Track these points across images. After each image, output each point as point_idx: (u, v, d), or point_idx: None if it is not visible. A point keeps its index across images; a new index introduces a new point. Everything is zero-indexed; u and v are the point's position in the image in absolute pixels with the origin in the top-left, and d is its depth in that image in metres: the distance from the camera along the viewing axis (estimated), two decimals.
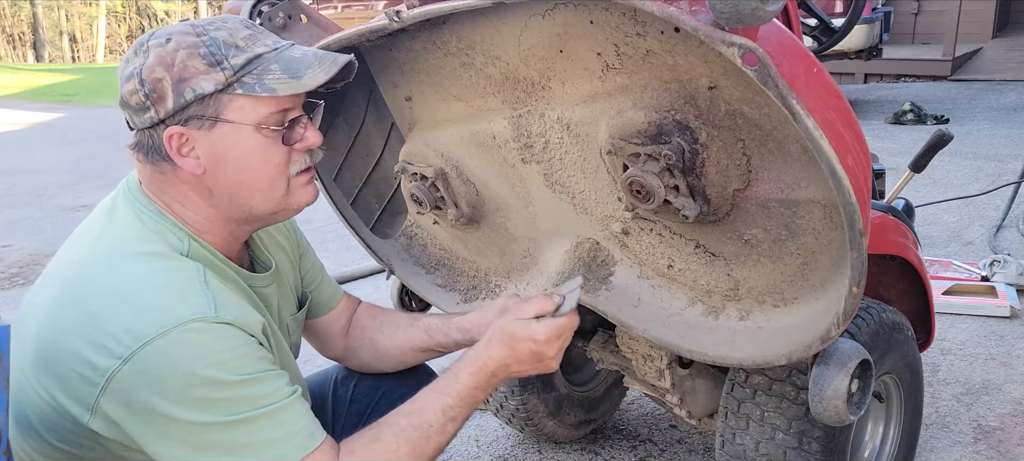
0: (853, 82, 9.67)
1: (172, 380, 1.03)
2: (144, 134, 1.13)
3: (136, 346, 1.03)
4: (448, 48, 1.47)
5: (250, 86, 1.11)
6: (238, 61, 1.11)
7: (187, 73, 1.09)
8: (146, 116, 1.11)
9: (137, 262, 1.11)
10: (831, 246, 1.31)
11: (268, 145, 1.15)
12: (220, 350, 1.06)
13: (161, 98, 1.09)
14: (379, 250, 1.94)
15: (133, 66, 1.10)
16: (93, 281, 1.10)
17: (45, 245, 4.55)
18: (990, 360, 2.74)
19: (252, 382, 1.09)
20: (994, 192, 4.49)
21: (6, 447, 0.99)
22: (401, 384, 1.61)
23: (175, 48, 1.09)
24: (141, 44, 1.12)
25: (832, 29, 2.69)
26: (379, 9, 7.58)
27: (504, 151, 1.59)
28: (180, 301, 1.07)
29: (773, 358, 1.36)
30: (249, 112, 1.12)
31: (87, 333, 1.05)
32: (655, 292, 1.59)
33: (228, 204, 1.19)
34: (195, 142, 1.13)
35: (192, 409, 1.05)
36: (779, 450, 1.52)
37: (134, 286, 1.08)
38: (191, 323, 1.05)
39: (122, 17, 32.73)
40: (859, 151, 1.15)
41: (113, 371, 1.03)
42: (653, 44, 1.22)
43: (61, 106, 11.51)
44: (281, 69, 1.13)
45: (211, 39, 1.10)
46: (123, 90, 1.12)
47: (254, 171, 1.16)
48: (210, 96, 1.10)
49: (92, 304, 1.07)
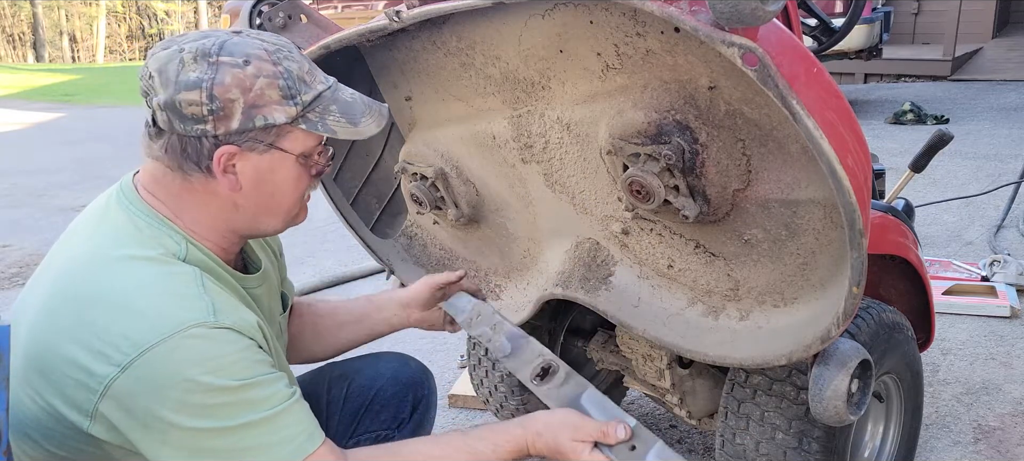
0: (853, 82, 9.67)
1: (172, 387, 1.03)
2: (185, 141, 1.11)
3: (135, 354, 1.02)
4: (448, 48, 1.47)
5: (313, 123, 1.15)
6: (306, 97, 1.14)
7: (263, 101, 1.10)
8: (198, 127, 1.09)
9: (134, 266, 1.10)
10: (831, 246, 1.30)
11: (301, 173, 1.20)
12: (219, 355, 1.06)
13: (227, 117, 1.09)
14: (379, 250, 1.94)
15: (199, 76, 1.08)
16: (87, 285, 1.09)
17: (45, 245, 4.55)
18: (990, 360, 2.74)
19: (251, 386, 1.08)
20: (994, 192, 4.49)
21: (6, 447, 0.98)
22: (395, 383, 1.62)
23: (255, 73, 1.10)
24: (206, 53, 1.09)
25: (832, 29, 2.69)
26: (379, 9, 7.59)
27: (504, 151, 1.59)
28: (178, 307, 1.06)
29: (773, 358, 1.36)
30: (299, 143, 1.17)
31: (83, 339, 1.04)
32: (655, 292, 1.59)
33: (247, 221, 1.21)
34: (241, 161, 1.14)
35: (191, 415, 1.04)
36: (779, 450, 1.52)
37: (131, 291, 1.07)
38: (190, 329, 1.04)
39: (122, 17, 32.72)
40: (859, 151, 1.15)
41: (112, 378, 1.02)
42: (653, 44, 1.22)
43: (61, 106, 11.51)
44: (340, 112, 1.17)
45: (286, 70, 1.12)
46: (179, 95, 1.08)
47: (284, 196, 1.20)
48: (277, 125, 1.13)
49: (87, 309, 1.06)
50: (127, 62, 27.51)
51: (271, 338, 1.25)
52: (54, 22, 30.36)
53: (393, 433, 1.58)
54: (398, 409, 1.60)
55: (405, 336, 3.14)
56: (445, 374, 2.78)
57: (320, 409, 1.58)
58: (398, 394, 1.61)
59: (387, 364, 1.66)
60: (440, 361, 2.92)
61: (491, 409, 2.24)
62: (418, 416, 1.62)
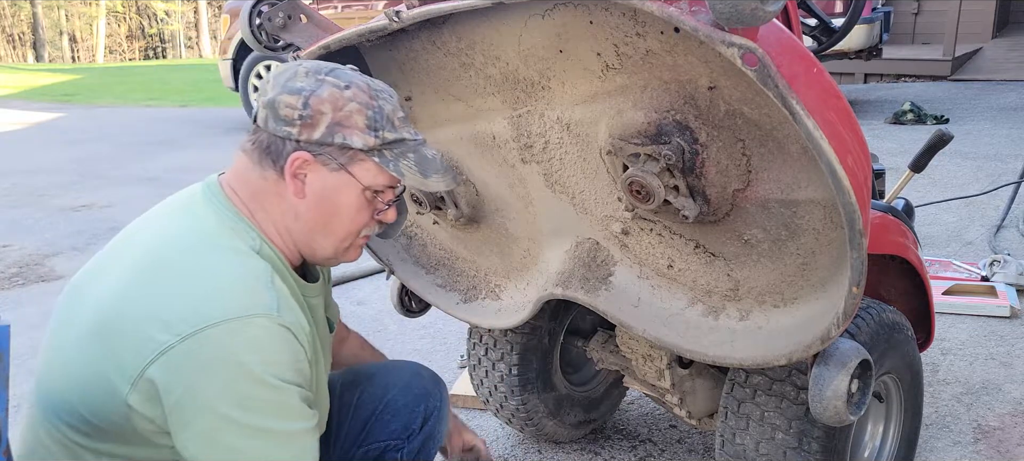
0: (853, 82, 9.67)
1: (223, 366, 1.07)
2: (272, 139, 1.21)
3: (199, 327, 1.07)
4: (448, 48, 1.47)
5: (386, 160, 1.23)
6: (389, 136, 1.23)
7: (348, 122, 1.20)
8: (285, 128, 1.19)
9: (215, 253, 1.17)
10: (831, 246, 1.30)
11: (362, 207, 1.27)
12: (273, 351, 1.11)
13: (313, 126, 1.19)
14: (379, 250, 1.94)
15: (303, 85, 1.19)
16: (170, 264, 1.16)
17: (45, 245, 4.55)
18: (990, 360, 2.74)
19: (289, 393, 1.13)
20: (994, 192, 4.49)
21: (6, 447, 0.99)
22: (406, 393, 1.61)
23: (350, 97, 1.20)
24: (318, 71, 1.21)
25: (832, 29, 2.68)
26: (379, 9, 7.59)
27: (504, 151, 1.59)
28: (248, 295, 1.12)
29: (773, 358, 1.36)
30: (369, 176, 1.24)
31: (154, 310, 1.10)
32: (655, 292, 1.59)
33: (303, 233, 1.27)
34: (311, 172, 1.21)
35: (229, 401, 1.08)
36: (779, 450, 1.52)
37: (208, 273, 1.14)
38: (255, 318, 1.10)
39: (122, 17, 32.73)
40: (859, 151, 1.15)
41: (169, 346, 1.07)
42: (653, 44, 1.22)
43: (61, 106, 11.51)
44: (415, 161, 1.26)
45: (379, 107, 1.22)
46: (280, 97, 1.19)
47: (340, 222, 1.26)
48: (353, 149, 1.21)
49: (166, 284, 1.13)
50: (127, 62, 27.53)
51: (317, 347, 1.30)
52: (54, 22, 30.38)
53: (403, 443, 1.58)
54: (409, 420, 1.59)
55: (405, 333, 3.15)
56: (445, 374, 2.78)
57: (330, 417, 1.58)
58: (409, 404, 1.60)
59: (400, 373, 1.66)
60: (440, 361, 2.92)
61: (491, 409, 2.24)
62: (428, 428, 1.61)
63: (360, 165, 1.22)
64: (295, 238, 1.27)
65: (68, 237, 4.69)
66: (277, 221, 1.25)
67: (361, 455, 1.57)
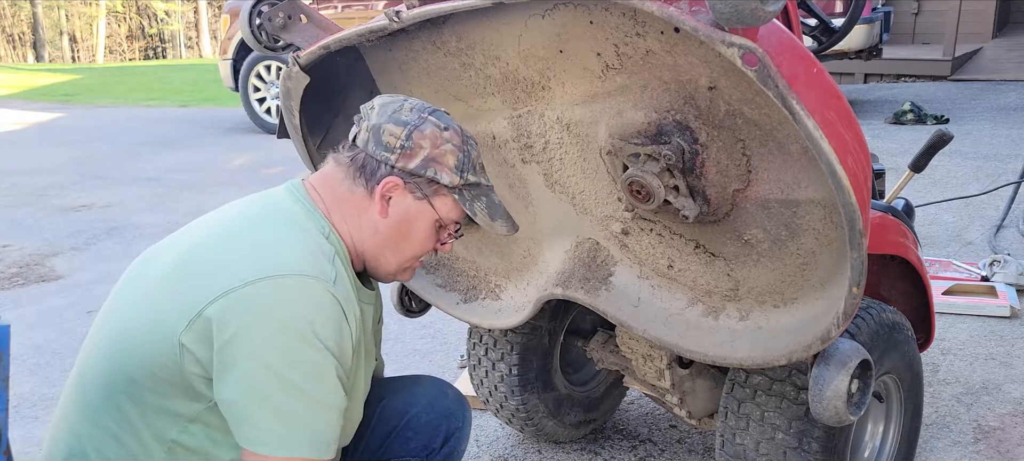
0: (853, 82, 9.67)
1: (274, 315, 1.15)
2: (369, 159, 1.32)
3: (258, 277, 1.16)
4: (448, 48, 1.47)
5: (465, 199, 1.36)
6: (471, 179, 1.36)
7: (441, 160, 1.32)
8: (384, 154, 1.30)
9: (286, 226, 1.28)
10: (831, 246, 1.30)
11: (431, 235, 1.39)
12: (323, 313, 1.18)
13: (410, 157, 1.30)
14: None
15: (407, 118, 1.31)
16: (243, 228, 1.28)
17: (45, 245, 4.55)
18: (990, 360, 2.74)
19: (328, 360, 1.19)
20: (994, 192, 4.49)
21: (6, 447, 0.99)
22: (429, 411, 1.59)
23: (447, 139, 1.32)
24: (423, 110, 1.33)
25: (832, 29, 2.69)
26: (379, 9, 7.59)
27: (504, 151, 1.59)
28: (309, 260, 1.22)
29: (773, 358, 1.36)
30: (445, 209, 1.36)
31: (224, 261, 1.20)
32: (655, 292, 1.59)
33: (375, 247, 1.37)
34: (398, 196, 1.33)
35: (275, 351, 1.14)
36: (779, 450, 1.52)
37: (276, 237, 1.25)
38: (312, 278, 1.19)
39: (122, 17, 32.74)
40: (859, 151, 1.15)
41: (229, 289, 1.15)
42: (653, 44, 1.22)
43: (61, 106, 11.51)
44: (486, 204, 1.39)
45: (467, 152, 1.35)
46: (385, 125, 1.31)
47: (410, 244, 1.38)
48: (439, 184, 1.33)
49: (238, 243, 1.24)
50: (127, 62, 27.52)
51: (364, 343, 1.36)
52: (54, 22, 30.38)
53: None
54: (430, 438, 1.58)
55: (404, 334, 3.15)
56: (445, 374, 2.78)
57: None
58: (432, 422, 1.59)
59: (425, 390, 1.64)
60: (440, 361, 2.92)
61: (491, 409, 2.24)
62: (449, 448, 1.59)
63: (441, 199, 1.34)
64: (365, 249, 1.36)
65: (68, 237, 4.69)
66: (353, 230, 1.34)
67: None
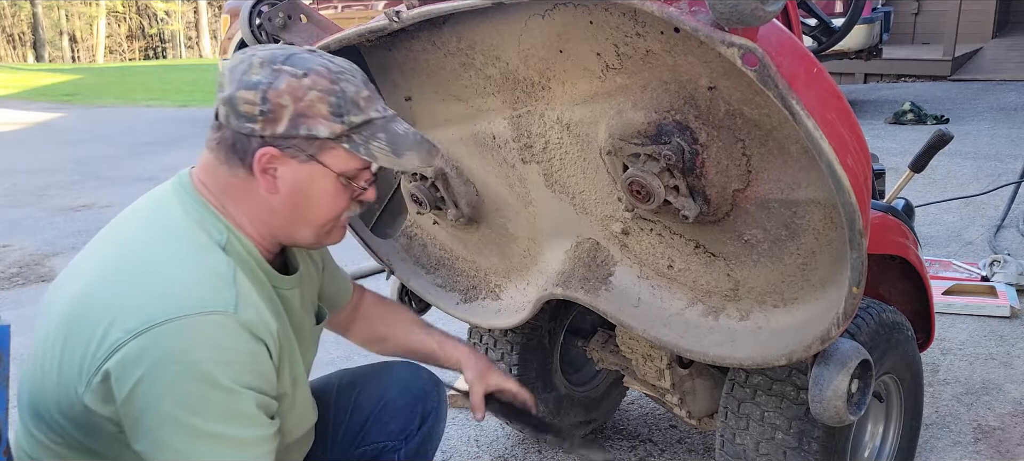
0: (853, 82, 9.67)
1: (174, 363, 1.05)
2: (236, 136, 1.17)
3: (151, 323, 1.05)
4: (448, 48, 1.47)
5: (356, 145, 1.19)
6: (355, 120, 1.18)
7: (311, 112, 1.15)
8: (248, 125, 1.15)
9: (173, 247, 1.16)
10: (831, 246, 1.31)
11: (339, 192, 1.24)
12: (227, 349, 1.08)
13: (275, 121, 1.15)
14: (379, 250, 1.94)
15: (259, 78, 1.15)
16: (126, 260, 1.15)
17: (45, 245, 4.55)
18: (990, 360, 2.74)
19: (241, 397, 1.09)
20: (994, 192, 4.49)
21: (6, 447, 0.99)
22: (404, 394, 1.60)
23: (310, 85, 1.15)
24: (273, 61, 1.16)
25: (832, 29, 2.68)
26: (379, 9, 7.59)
27: (504, 151, 1.59)
28: (205, 291, 1.10)
29: (773, 358, 1.36)
30: (341, 163, 1.20)
31: (110, 308, 1.08)
32: (655, 292, 1.59)
33: (281, 227, 1.25)
34: (282, 166, 1.18)
35: (177, 401, 1.05)
36: (779, 450, 1.52)
37: (164, 269, 1.12)
38: (210, 314, 1.08)
39: (122, 17, 32.73)
40: (859, 151, 1.15)
41: (121, 342, 1.05)
42: (653, 44, 1.22)
43: (61, 106, 11.51)
44: (387, 141, 1.21)
45: (342, 90, 1.17)
46: (237, 93, 1.14)
47: (320, 210, 1.24)
48: (319, 138, 1.17)
49: (121, 282, 1.11)
50: (127, 62, 27.51)
51: (286, 343, 1.26)
52: (54, 22, 30.37)
53: (400, 444, 1.57)
54: (407, 421, 1.58)
55: None
56: (444, 374, 2.78)
57: (326, 417, 1.58)
58: (408, 405, 1.59)
59: (398, 374, 1.65)
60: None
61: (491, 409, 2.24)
62: (426, 428, 1.60)
63: (330, 153, 1.19)
64: (273, 230, 1.25)
65: (68, 237, 4.69)
66: (252, 216, 1.22)
67: (358, 456, 1.57)
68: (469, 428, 2.43)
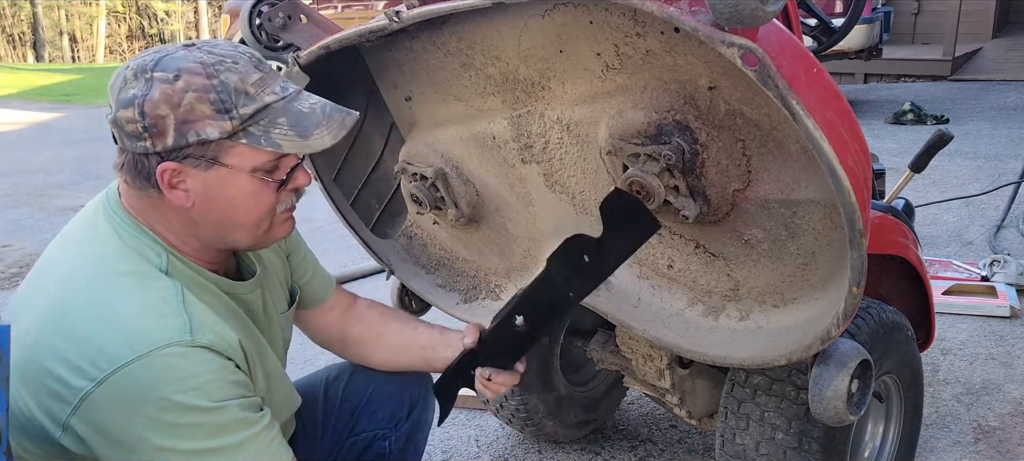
0: (853, 82, 9.66)
1: (144, 403, 1.03)
2: (135, 158, 1.11)
3: (110, 369, 1.02)
4: (448, 48, 1.47)
5: (255, 137, 1.11)
6: (246, 110, 1.09)
7: (193, 115, 1.07)
8: (140, 144, 1.09)
9: (115, 281, 1.10)
10: (831, 246, 1.30)
11: (260, 188, 1.15)
12: (194, 375, 1.06)
13: (161, 134, 1.07)
14: (379, 250, 1.94)
15: (134, 92, 1.07)
16: (72, 299, 1.09)
17: (45, 245, 4.50)
18: (990, 360, 2.74)
19: (223, 410, 1.08)
20: (994, 192, 4.49)
21: (6, 447, 0.99)
22: (391, 382, 1.61)
23: (184, 88, 1.06)
24: (144, 69, 1.08)
25: (832, 29, 2.69)
26: (379, 9, 7.59)
27: (504, 151, 1.59)
28: (156, 324, 1.06)
29: (773, 358, 1.35)
30: (248, 159, 1.12)
31: (62, 352, 1.05)
32: (655, 292, 1.59)
33: (211, 236, 1.19)
34: (187, 177, 1.11)
35: (162, 434, 1.04)
36: (779, 450, 1.52)
37: (111, 307, 1.07)
38: (166, 348, 1.05)
39: (122, 17, 32.72)
40: (859, 151, 1.15)
41: (86, 392, 1.03)
42: (653, 44, 1.22)
43: (61, 106, 11.51)
44: (289, 124, 1.12)
45: (222, 83, 1.08)
46: (119, 114, 1.08)
47: (243, 211, 1.16)
48: (212, 141, 1.09)
49: (70, 324, 1.07)
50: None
51: (257, 348, 1.25)
52: (54, 22, 30.35)
53: (390, 432, 1.57)
54: (395, 408, 1.59)
55: None
56: None
57: (317, 410, 1.58)
58: (396, 393, 1.60)
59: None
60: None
61: (491, 409, 2.24)
62: (415, 415, 1.61)
63: (230, 153, 1.10)
64: (203, 241, 1.19)
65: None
66: (178, 231, 1.17)
67: (349, 446, 1.57)
68: (468, 428, 2.43)
